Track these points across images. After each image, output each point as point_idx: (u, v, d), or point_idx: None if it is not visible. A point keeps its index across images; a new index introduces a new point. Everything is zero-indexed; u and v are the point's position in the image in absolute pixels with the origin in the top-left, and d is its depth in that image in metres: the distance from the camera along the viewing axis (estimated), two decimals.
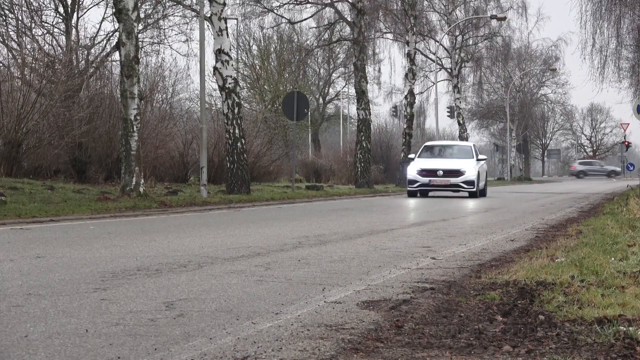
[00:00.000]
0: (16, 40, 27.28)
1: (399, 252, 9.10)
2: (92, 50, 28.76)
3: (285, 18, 38.35)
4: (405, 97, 40.35)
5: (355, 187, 33.92)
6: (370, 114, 35.36)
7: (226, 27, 23.82)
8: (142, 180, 19.04)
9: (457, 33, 56.19)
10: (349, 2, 35.58)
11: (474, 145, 29.19)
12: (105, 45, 29.44)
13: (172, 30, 32.90)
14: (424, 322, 4.99)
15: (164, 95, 29.07)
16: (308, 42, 43.62)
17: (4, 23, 27.62)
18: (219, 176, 28.39)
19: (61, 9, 29.22)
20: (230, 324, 4.84)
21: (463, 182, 25.70)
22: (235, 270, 7.23)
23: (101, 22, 34.93)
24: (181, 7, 30.00)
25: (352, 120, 62.53)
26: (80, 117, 23.57)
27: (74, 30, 29.00)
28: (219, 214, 16.75)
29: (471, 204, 21.98)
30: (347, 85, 61.15)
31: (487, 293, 5.95)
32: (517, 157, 74.33)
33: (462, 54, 57.45)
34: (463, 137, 55.41)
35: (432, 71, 57.44)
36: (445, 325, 4.91)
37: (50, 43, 28.47)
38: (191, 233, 11.29)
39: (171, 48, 48.64)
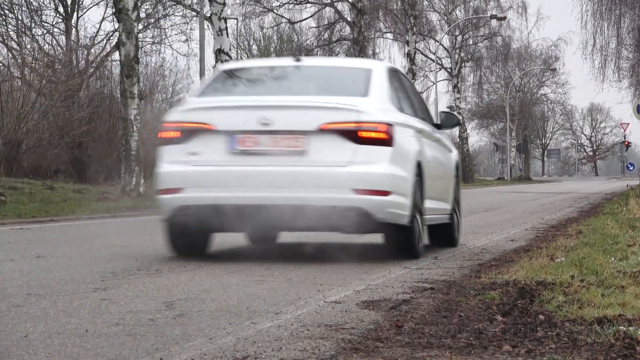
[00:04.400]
0: (16, 40, 27.31)
1: None
2: (92, 50, 28.79)
3: (285, 18, 38.47)
4: None
5: None
6: None
7: (226, 27, 23.82)
8: (142, 180, 19.04)
9: (457, 33, 56.21)
10: (349, 2, 35.61)
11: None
12: (105, 45, 29.49)
13: (172, 30, 32.92)
14: (424, 322, 4.99)
15: (164, 95, 29.09)
16: (308, 42, 43.63)
17: (4, 23, 27.65)
18: None
19: (61, 9, 29.27)
20: (230, 323, 4.84)
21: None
22: (235, 270, 7.23)
23: (101, 22, 34.97)
24: (181, 7, 30.02)
25: None
26: (80, 117, 23.58)
27: (74, 30, 29.04)
28: None
29: (471, 203, 21.95)
30: None
31: (487, 293, 5.95)
32: (517, 157, 74.35)
33: (462, 54, 57.48)
34: (463, 137, 55.36)
35: (432, 71, 57.53)
36: (445, 325, 4.90)
37: (50, 43, 28.53)
38: None
39: (171, 48, 48.74)
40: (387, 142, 7.45)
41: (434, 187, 8.60)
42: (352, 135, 7.36)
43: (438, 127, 9.58)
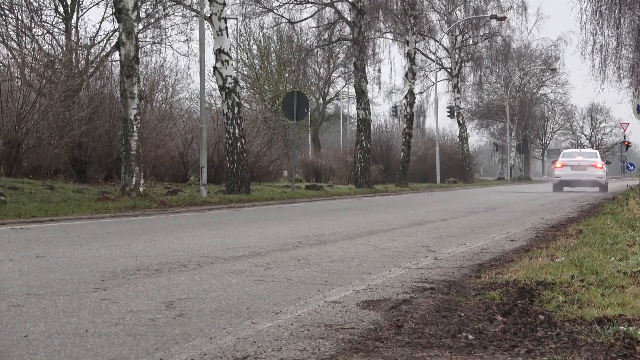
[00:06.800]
0: (16, 40, 27.27)
1: (399, 251, 9.10)
2: (92, 50, 28.75)
3: (285, 18, 38.36)
4: (405, 97, 40.35)
5: (355, 187, 33.91)
6: (370, 114, 35.35)
7: (226, 27, 23.82)
8: (142, 180, 19.03)
9: (457, 33, 56.20)
10: (349, 2, 35.58)
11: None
12: (105, 45, 29.43)
13: (172, 30, 32.91)
14: (424, 321, 4.99)
15: (164, 95, 29.07)
16: (308, 42, 43.56)
17: (4, 23, 27.60)
18: (218, 176, 28.39)
19: (61, 9, 29.23)
20: (230, 323, 4.84)
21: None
22: (235, 270, 7.23)
23: (101, 22, 35.02)
24: (181, 6, 30.00)
25: (352, 120, 62.52)
26: (80, 117, 23.55)
27: (74, 30, 29.01)
28: (218, 213, 16.75)
29: (471, 203, 21.98)
30: (347, 85, 61.18)
31: (487, 293, 5.95)
32: (517, 157, 74.36)
33: (462, 54, 57.48)
34: (463, 137, 55.51)
35: (432, 71, 57.52)
36: (445, 325, 4.90)
37: (50, 43, 28.47)
38: (191, 233, 11.29)
39: (171, 48, 48.72)
40: (602, 168, 36.94)
41: (606, 176, 38.14)
42: (595, 166, 36.61)
43: (605, 164, 39.60)
